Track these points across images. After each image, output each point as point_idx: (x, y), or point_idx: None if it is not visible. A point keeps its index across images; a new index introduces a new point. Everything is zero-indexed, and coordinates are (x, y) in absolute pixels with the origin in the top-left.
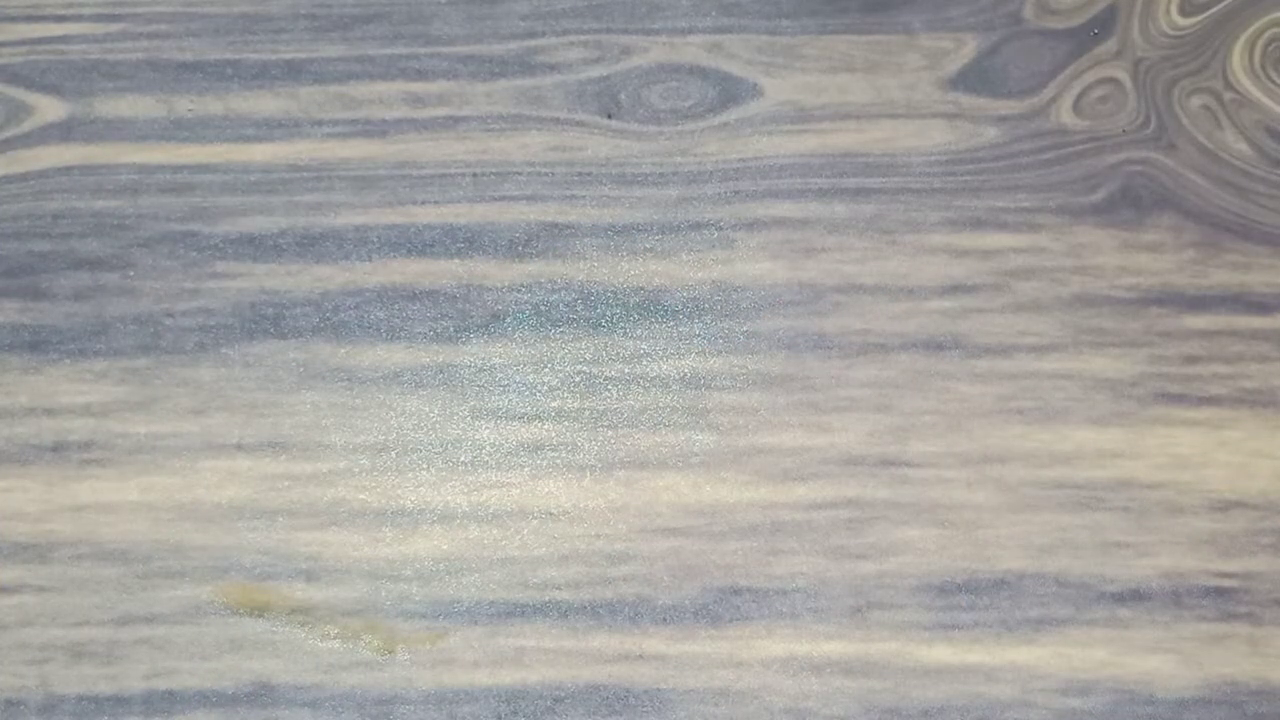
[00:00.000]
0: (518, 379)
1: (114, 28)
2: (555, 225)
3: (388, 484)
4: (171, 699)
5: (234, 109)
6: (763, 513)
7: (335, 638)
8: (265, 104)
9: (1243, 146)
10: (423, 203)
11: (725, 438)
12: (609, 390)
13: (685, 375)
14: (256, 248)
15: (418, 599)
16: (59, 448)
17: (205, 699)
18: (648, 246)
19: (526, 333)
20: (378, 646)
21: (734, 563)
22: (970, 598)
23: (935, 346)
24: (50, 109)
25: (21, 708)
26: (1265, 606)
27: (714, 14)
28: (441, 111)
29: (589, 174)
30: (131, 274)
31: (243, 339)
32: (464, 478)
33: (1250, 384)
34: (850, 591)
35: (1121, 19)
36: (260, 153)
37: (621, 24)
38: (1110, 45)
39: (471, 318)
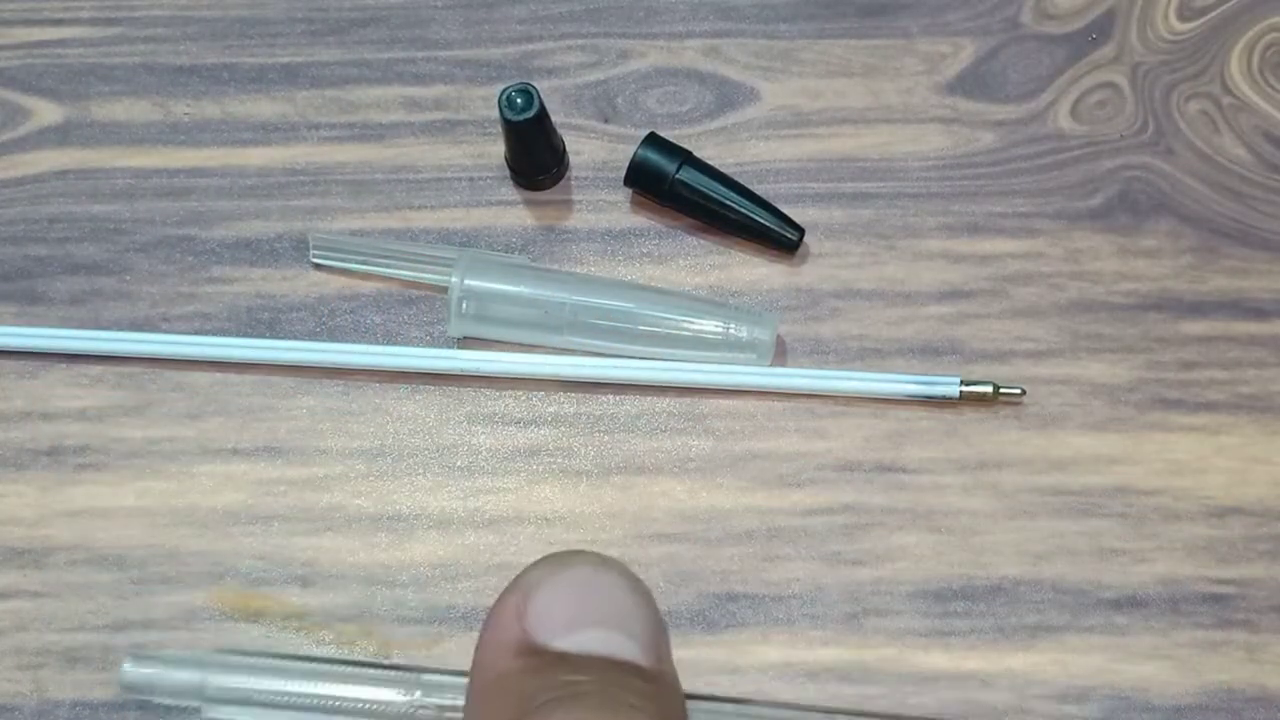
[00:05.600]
0: (514, 383)
1: (111, 31)
2: (552, 230)
3: (383, 489)
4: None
5: (230, 113)
6: (759, 518)
7: (330, 643)
8: (262, 108)
9: (1241, 151)
10: (419, 207)
11: (722, 443)
12: (605, 395)
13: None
14: (253, 252)
15: (413, 604)
16: (55, 452)
17: None
18: (644, 251)
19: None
20: (373, 652)
21: (730, 568)
22: (966, 604)
23: (932, 352)
24: (47, 113)
25: (16, 714)
26: (1262, 613)
27: (711, 18)
28: (438, 115)
29: (586, 178)
30: (128, 278)
31: None
32: (460, 483)
33: (1248, 390)
34: (846, 597)
35: (1119, 23)
36: (257, 156)
37: (619, 28)
38: (1108, 50)
39: None
